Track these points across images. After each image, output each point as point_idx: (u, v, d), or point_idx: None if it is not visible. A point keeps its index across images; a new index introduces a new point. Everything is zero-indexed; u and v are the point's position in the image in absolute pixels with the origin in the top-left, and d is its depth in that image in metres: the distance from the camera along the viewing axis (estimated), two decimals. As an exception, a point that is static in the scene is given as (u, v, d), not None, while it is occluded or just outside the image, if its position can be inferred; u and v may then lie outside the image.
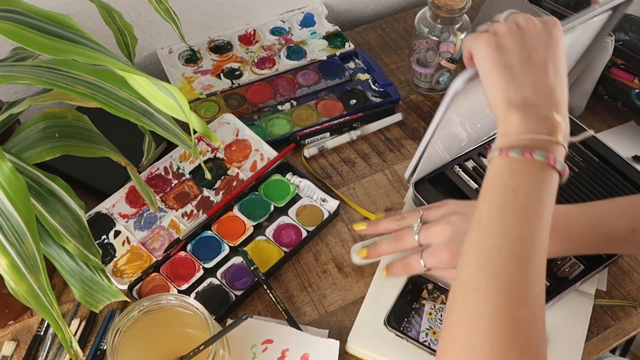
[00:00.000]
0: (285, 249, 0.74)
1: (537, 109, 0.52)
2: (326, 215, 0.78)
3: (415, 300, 0.69)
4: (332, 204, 0.78)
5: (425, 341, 0.66)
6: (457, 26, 0.86)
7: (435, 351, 0.65)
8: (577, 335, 0.68)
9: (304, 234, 0.76)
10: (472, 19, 0.92)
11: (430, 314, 0.68)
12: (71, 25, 0.45)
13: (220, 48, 0.99)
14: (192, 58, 0.97)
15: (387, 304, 0.69)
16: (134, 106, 0.50)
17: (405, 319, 0.68)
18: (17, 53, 0.64)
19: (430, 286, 0.70)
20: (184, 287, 0.71)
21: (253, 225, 0.76)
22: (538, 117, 0.51)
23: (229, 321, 0.69)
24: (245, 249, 0.74)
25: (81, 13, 0.87)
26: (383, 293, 0.71)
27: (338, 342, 0.66)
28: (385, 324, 0.68)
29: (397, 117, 0.90)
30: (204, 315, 0.55)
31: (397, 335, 0.67)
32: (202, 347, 0.54)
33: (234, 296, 0.70)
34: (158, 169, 0.81)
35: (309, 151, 0.85)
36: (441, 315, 0.68)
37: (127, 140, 0.64)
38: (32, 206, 0.44)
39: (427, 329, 0.67)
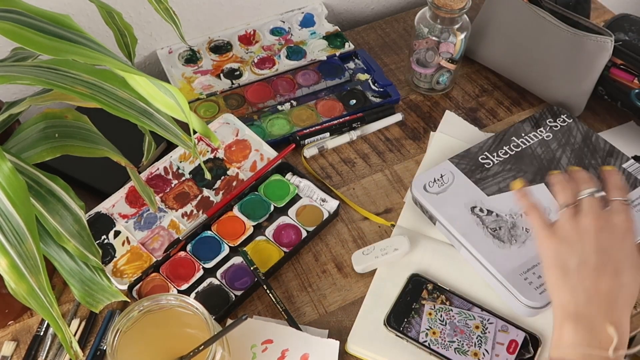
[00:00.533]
0: (285, 249, 0.74)
1: (591, 320, 0.52)
2: (326, 215, 0.78)
3: (415, 301, 0.69)
4: (332, 204, 0.78)
5: (425, 341, 0.66)
6: (457, 26, 0.86)
7: (435, 351, 0.65)
8: None
9: (304, 234, 0.76)
10: (472, 19, 0.92)
11: (430, 314, 0.68)
12: (71, 25, 0.45)
13: (220, 48, 0.99)
14: (192, 58, 0.97)
15: (387, 304, 0.69)
16: (134, 106, 0.50)
17: (405, 319, 0.68)
18: (17, 53, 0.64)
19: (430, 286, 0.70)
20: (184, 287, 0.71)
21: (253, 226, 0.76)
22: (591, 330, 0.51)
23: (229, 321, 0.69)
24: (245, 249, 0.74)
25: (81, 13, 0.87)
26: (383, 293, 0.71)
27: (338, 342, 0.66)
28: (385, 324, 0.68)
29: (397, 117, 0.90)
30: (203, 315, 0.55)
31: (396, 335, 0.67)
32: (202, 347, 0.54)
33: (233, 296, 0.70)
34: (158, 169, 0.81)
35: (308, 151, 0.85)
36: (441, 316, 0.68)
37: (127, 140, 0.64)
38: (32, 206, 0.44)
39: (427, 329, 0.67)
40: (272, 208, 0.78)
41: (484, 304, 0.69)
